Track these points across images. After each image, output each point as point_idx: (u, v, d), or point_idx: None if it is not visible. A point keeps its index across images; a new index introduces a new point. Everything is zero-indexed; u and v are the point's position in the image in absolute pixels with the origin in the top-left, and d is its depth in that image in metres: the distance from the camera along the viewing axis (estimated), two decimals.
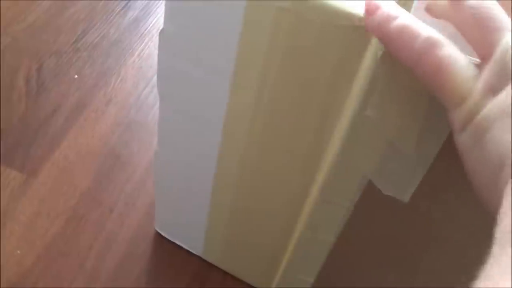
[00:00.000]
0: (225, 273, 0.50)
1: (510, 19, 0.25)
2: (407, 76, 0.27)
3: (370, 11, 0.26)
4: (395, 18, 0.25)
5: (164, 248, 0.51)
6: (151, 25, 0.69)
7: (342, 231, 0.38)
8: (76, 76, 0.62)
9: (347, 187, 0.34)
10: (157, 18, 0.70)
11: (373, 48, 0.28)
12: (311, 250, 0.40)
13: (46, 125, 0.58)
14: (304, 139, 0.35)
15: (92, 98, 0.61)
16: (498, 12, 0.25)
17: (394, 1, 0.28)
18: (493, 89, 0.23)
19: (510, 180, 0.22)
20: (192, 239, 0.49)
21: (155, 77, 0.63)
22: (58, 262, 0.49)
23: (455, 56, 0.24)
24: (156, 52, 0.65)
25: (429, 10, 0.28)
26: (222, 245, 0.48)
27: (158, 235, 0.51)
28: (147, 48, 0.66)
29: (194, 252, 0.50)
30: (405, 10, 0.26)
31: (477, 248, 0.36)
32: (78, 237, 0.50)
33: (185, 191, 0.45)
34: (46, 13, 0.68)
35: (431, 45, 0.24)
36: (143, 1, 0.72)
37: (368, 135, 0.31)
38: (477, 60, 0.25)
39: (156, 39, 0.67)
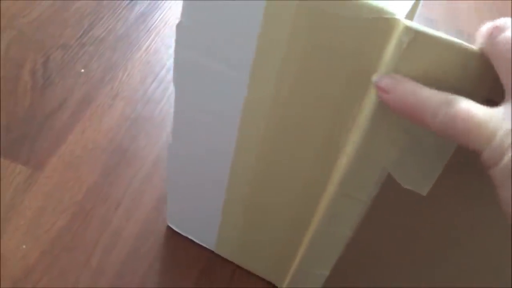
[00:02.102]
0: (236, 268, 0.50)
1: None
2: (431, 67, 0.27)
3: (387, 89, 0.28)
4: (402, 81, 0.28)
5: (172, 243, 0.50)
6: (158, 19, 0.68)
7: (358, 225, 0.37)
8: (82, 70, 0.62)
9: (366, 180, 0.34)
10: (165, 12, 0.69)
11: (397, 40, 0.27)
12: (327, 243, 0.40)
13: (52, 119, 0.57)
14: (323, 132, 0.34)
15: (99, 92, 0.60)
16: None
17: None
18: None
19: None
20: (205, 234, 0.49)
21: (162, 72, 0.63)
22: (64, 258, 0.48)
23: (468, 108, 0.25)
24: (163, 47, 0.66)
25: None
26: (236, 239, 0.47)
27: (166, 230, 0.51)
28: (154, 43, 0.66)
29: (206, 246, 0.50)
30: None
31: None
32: (84, 232, 0.50)
33: (199, 184, 0.44)
34: (52, 6, 0.68)
35: (443, 104, 0.25)
36: None
37: (388, 127, 0.30)
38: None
39: (163, 33, 0.67)
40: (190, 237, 0.50)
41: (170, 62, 0.65)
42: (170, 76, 0.63)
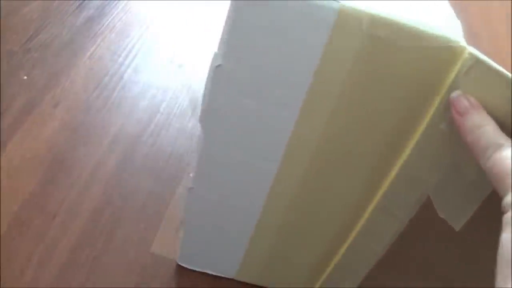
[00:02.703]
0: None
1: None
2: (486, 97, 0.28)
3: (461, 112, 0.28)
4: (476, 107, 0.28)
5: (106, 257, 0.50)
6: (104, 25, 0.67)
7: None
8: (25, 77, 0.61)
9: (406, 198, 0.34)
10: (112, 18, 0.68)
11: (459, 67, 0.28)
12: (358, 260, 0.40)
13: None
14: (372, 160, 0.34)
15: (41, 100, 0.59)
16: None
17: None
18: None
19: None
20: (224, 265, 0.47)
21: (105, 79, 0.63)
22: None
23: (508, 157, 0.26)
24: (108, 53, 0.65)
25: None
26: (262, 264, 0.46)
27: (100, 243, 0.50)
28: (99, 49, 0.65)
29: (223, 275, 0.49)
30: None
31: None
32: (19, 243, 0.49)
33: (225, 224, 0.42)
34: None
35: (493, 146, 0.26)
36: (98, 1, 0.70)
37: (436, 150, 0.31)
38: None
39: (108, 39, 0.66)
40: (205, 271, 0.49)
41: (113, 69, 0.64)
42: (113, 83, 0.63)
